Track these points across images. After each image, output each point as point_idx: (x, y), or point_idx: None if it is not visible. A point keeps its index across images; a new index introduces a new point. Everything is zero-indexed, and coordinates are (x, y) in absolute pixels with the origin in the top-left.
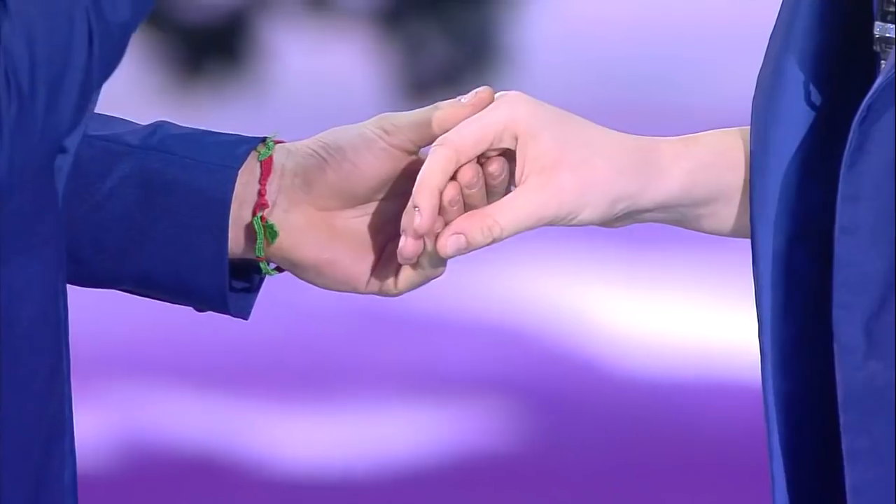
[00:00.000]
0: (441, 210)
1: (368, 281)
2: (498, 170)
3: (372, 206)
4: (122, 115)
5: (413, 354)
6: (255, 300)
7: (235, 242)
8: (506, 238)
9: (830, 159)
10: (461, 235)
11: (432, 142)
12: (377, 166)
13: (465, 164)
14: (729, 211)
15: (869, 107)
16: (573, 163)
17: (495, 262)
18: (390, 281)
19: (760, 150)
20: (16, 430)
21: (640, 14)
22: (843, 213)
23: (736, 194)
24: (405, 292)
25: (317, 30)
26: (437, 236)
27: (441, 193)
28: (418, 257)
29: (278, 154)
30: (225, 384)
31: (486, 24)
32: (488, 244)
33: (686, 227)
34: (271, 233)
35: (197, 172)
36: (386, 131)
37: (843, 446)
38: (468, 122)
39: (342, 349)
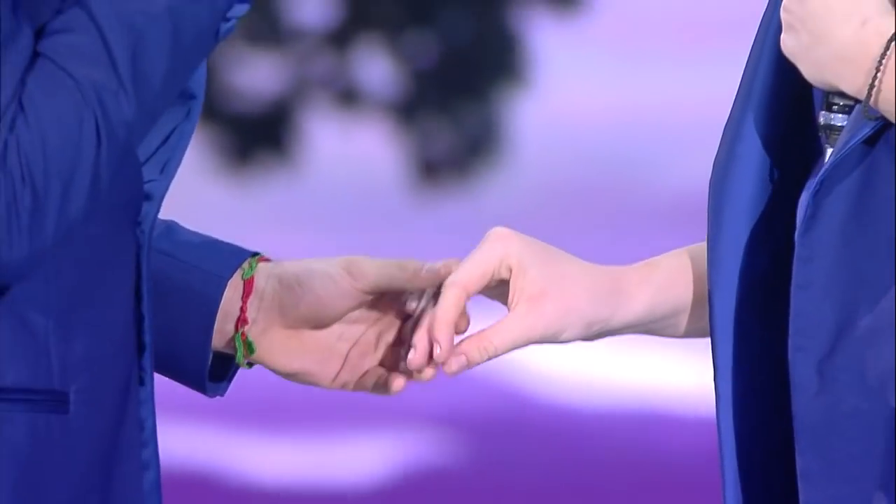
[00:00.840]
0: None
1: (333, 381)
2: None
3: (337, 326)
4: (182, 196)
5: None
6: (228, 386)
7: (218, 342)
8: (500, 355)
9: (775, 230)
10: (462, 356)
11: (388, 290)
12: (339, 302)
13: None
14: (685, 320)
15: (821, 182)
16: (555, 293)
17: None
18: (361, 382)
19: (715, 223)
20: (89, 441)
21: (618, 106)
22: (799, 272)
23: (689, 307)
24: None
25: (345, 119)
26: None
27: (455, 325)
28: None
29: (259, 276)
30: (203, 412)
31: (486, 116)
32: (485, 361)
33: (650, 335)
34: (250, 348)
35: (193, 277)
36: (351, 274)
37: (798, 468)
38: (470, 262)
39: (312, 388)
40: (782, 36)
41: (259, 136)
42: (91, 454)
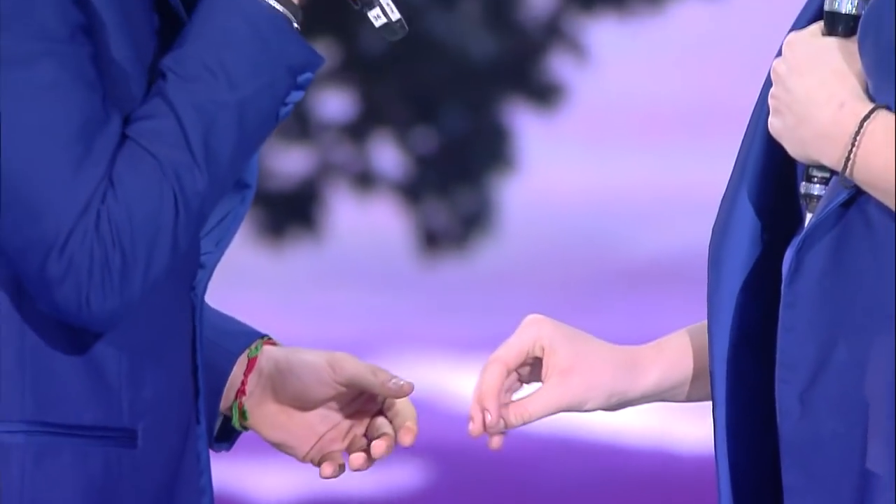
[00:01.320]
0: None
1: (304, 455)
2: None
3: (321, 409)
4: (228, 261)
5: None
6: (230, 446)
7: (222, 406)
8: (533, 421)
9: (765, 281)
10: (502, 420)
11: (363, 388)
12: (321, 391)
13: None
14: (687, 389)
15: (803, 241)
16: (582, 369)
17: (415, 350)
18: (324, 458)
19: (714, 277)
20: (155, 471)
21: (590, 187)
22: (785, 317)
23: (691, 379)
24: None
25: (362, 198)
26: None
27: (499, 396)
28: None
29: (262, 356)
30: None
31: (479, 196)
32: (520, 426)
33: (660, 402)
34: (244, 416)
35: (213, 353)
36: (333, 368)
37: (784, 483)
38: (510, 342)
39: None
40: (770, 119)
41: (291, 211)
42: (157, 483)
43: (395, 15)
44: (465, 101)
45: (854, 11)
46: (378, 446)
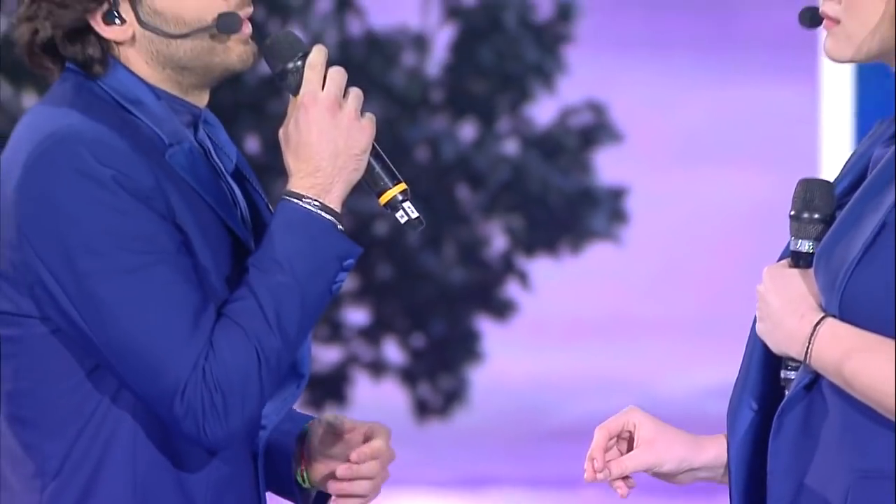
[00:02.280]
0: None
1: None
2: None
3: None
4: None
5: None
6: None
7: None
8: (627, 473)
9: (761, 438)
10: (607, 469)
11: (348, 454)
12: (334, 451)
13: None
14: (723, 470)
15: (782, 409)
16: (661, 441)
17: (410, 489)
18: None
19: (731, 434)
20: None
21: (537, 374)
22: (771, 463)
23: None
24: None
25: (376, 381)
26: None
27: (604, 453)
28: None
29: (310, 434)
30: None
31: (457, 380)
32: (618, 476)
33: (713, 482)
34: (307, 480)
35: (284, 438)
36: (331, 425)
37: None
38: (613, 418)
39: None
40: (756, 324)
41: (327, 390)
42: None
43: (414, 213)
44: (447, 314)
45: (810, 251)
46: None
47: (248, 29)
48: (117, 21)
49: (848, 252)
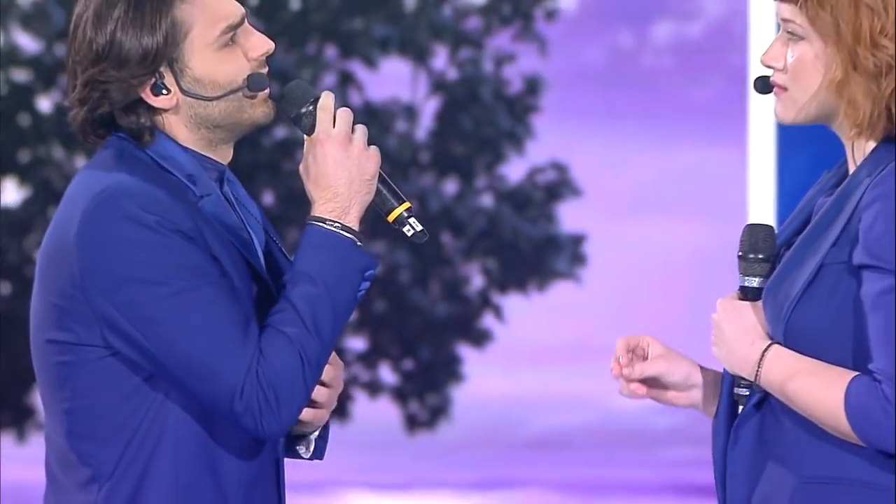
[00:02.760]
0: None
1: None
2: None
3: None
4: None
5: None
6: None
7: None
8: (643, 376)
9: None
10: (631, 367)
11: None
12: None
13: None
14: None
15: (738, 423)
16: (670, 357)
17: (400, 490)
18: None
19: (713, 435)
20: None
21: (509, 395)
22: (730, 464)
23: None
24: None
25: (373, 399)
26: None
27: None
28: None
29: None
30: None
31: (442, 397)
32: (637, 377)
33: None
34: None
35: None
36: None
37: None
38: (632, 336)
39: None
40: (713, 349)
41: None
42: None
43: (419, 227)
44: (433, 342)
45: (758, 286)
46: None
47: (268, 88)
48: (164, 92)
49: (791, 288)
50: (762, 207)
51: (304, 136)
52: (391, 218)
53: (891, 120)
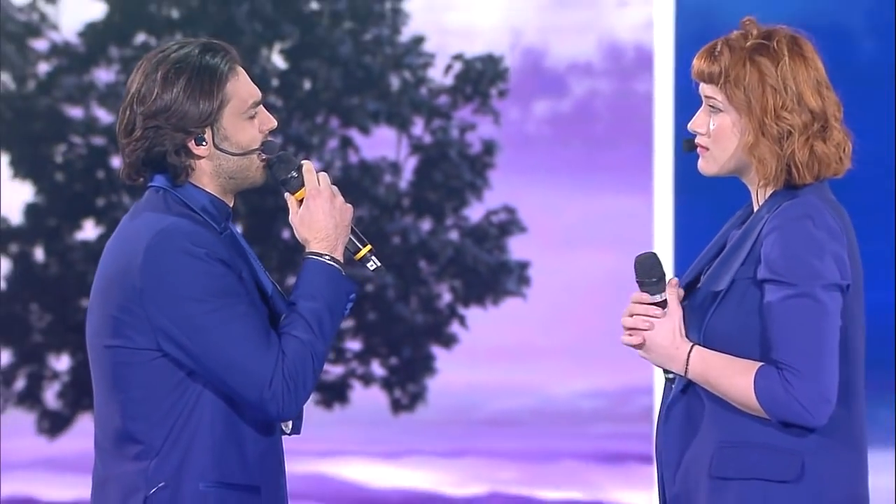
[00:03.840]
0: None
1: None
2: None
3: None
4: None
5: None
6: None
7: None
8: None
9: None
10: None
11: None
12: None
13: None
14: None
15: (669, 404)
16: (664, 327)
17: (383, 459)
18: None
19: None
20: None
21: (472, 384)
22: (663, 435)
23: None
24: None
25: (365, 388)
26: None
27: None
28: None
29: None
30: None
31: (420, 387)
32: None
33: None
34: None
35: None
36: None
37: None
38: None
39: None
40: (642, 353)
41: (334, 394)
42: None
43: (379, 263)
44: (413, 344)
45: (662, 299)
46: None
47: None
48: (203, 143)
49: (709, 299)
50: (663, 241)
51: (287, 194)
52: (358, 257)
53: (790, 174)
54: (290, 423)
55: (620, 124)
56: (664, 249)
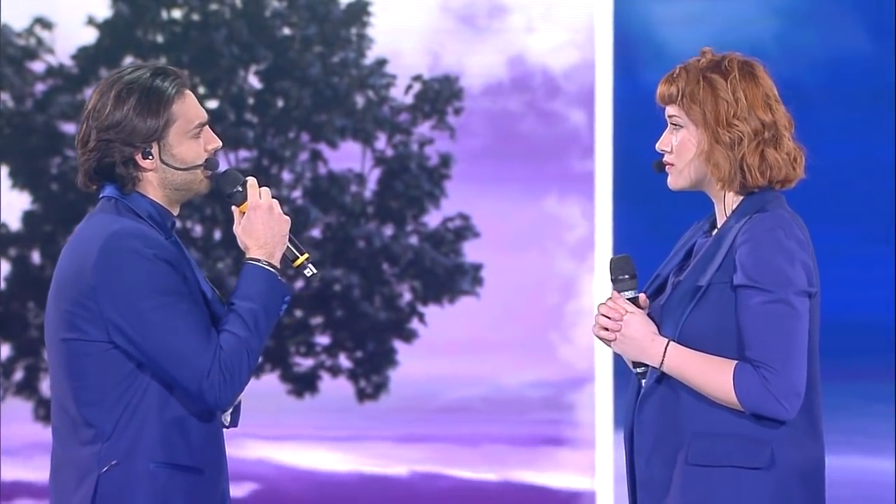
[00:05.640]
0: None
1: None
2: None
3: None
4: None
5: None
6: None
7: None
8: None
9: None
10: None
11: None
12: None
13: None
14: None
15: (643, 395)
16: (638, 322)
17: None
18: None
19: (626, 399)
20: (211, 487)
21: (440, 372)
22: (636, 428)
23: None
24: None
25: (333, 378)
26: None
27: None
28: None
29: None
30: None
31: (382, 377)
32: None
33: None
34: None
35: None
36: None
37: (637, 483)
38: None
39: None
40: (614, 345)
41: (305, 384)
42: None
43: (315, 271)
44: (377, 339)
45: (634, 296)
46: None
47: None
48: (149, 157)
49: (684, 302)
50: (603, 245)
51: (234, 206)
52: (296, 264)
53: (744, 176)
54: (228, 417)
55: (566, 139)
56: (603, 252)
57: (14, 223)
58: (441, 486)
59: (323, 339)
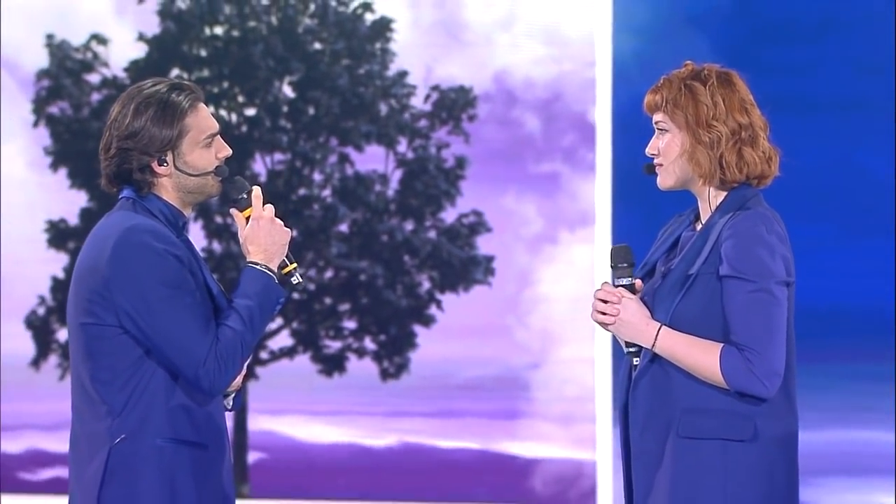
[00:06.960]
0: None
1: None
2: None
3: None
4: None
5: None
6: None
7: None
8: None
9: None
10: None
11: None
12: None
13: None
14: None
15: (637, 374)
16: (634, 307)
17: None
18: None
19: (616, 380)
20: (217, 465)
21: (443, 356)
22: (630, 404)
23: None
24: None
25: (360, 359)
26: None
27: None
28: None
29: None
30: None
31: (404, 359)
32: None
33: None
34: None
35: None
36: None
37: (632, 456)
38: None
39: None
40: (611, 327)
41: (334, 365)
42: (219, 470)
43: (301, 279)
44: (399, 324)
45: (630, 283)
46: None
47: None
48: (165, 164)
49: (675, 290)
50: (602, 239)
51: (235, 211)
52: (285, 272)
53: (723, 173)
54: (230, 402)
55: (570, 141)
56: (603, 245)
57: (72, 219)
58: (458, 458)
59: (350, 324)
